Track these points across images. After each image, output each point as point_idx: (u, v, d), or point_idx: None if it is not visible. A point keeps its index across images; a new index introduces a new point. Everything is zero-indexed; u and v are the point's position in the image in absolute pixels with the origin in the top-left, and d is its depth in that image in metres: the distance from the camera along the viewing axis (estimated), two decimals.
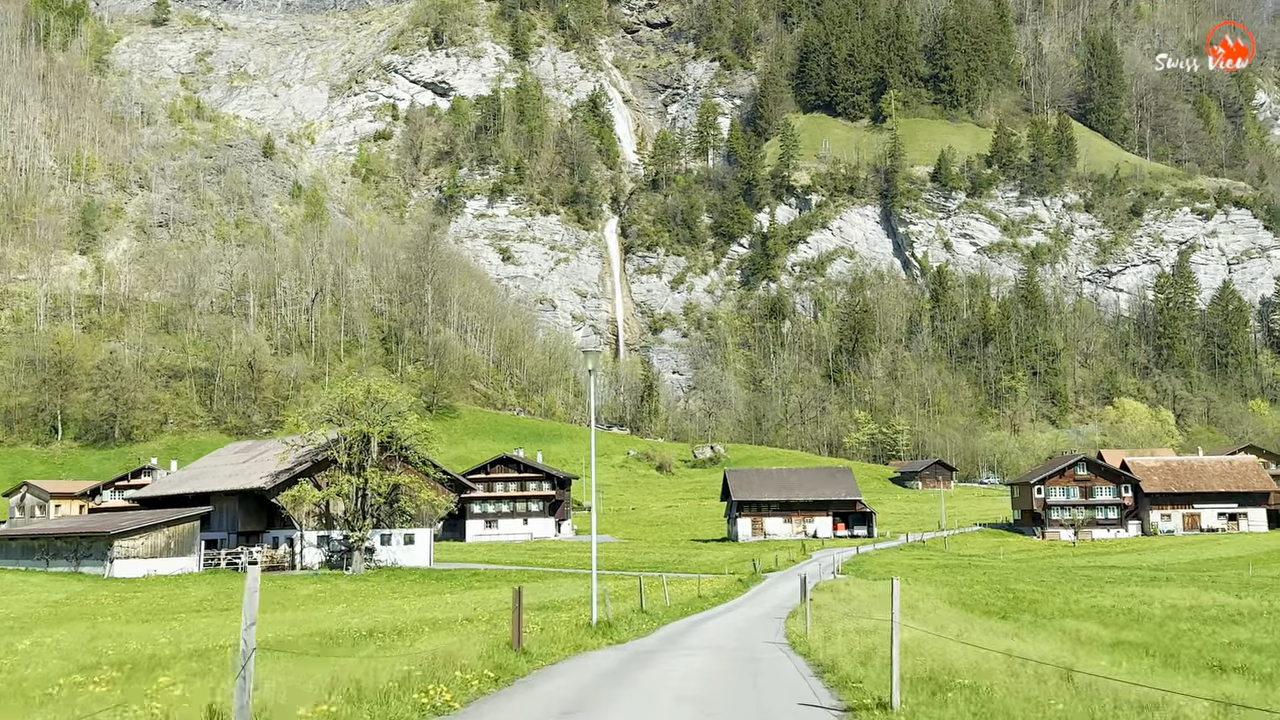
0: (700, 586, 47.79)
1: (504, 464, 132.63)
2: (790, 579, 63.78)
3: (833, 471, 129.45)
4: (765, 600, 46.32)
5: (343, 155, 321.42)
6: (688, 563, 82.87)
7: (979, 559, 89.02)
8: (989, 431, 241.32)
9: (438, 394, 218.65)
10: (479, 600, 48.25)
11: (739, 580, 58.37)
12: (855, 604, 33.06)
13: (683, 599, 42.79)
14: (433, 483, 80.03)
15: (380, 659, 16.22)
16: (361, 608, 46.76)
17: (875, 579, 57.14)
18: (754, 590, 54.26)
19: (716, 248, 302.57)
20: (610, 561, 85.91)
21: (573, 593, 54.65)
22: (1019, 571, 70.86)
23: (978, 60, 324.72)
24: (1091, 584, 58.39)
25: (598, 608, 28.28)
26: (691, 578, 67.74)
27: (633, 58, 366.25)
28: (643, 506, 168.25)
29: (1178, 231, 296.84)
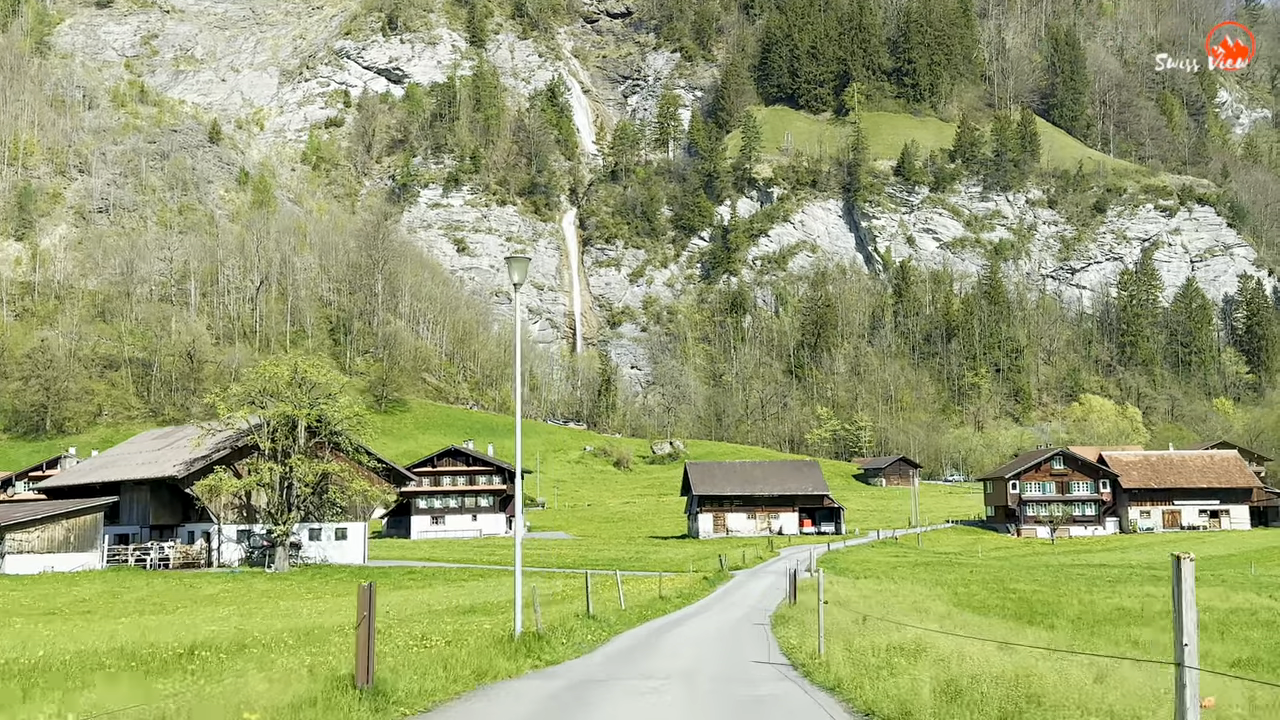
0: (661, 585, 41.26)
1: (452, 457, 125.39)
2: (762, 577, 57.40)
3: (799, 465, 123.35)
4: (739, 601, 39.87)
5: (293, 142, 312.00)
6: (646, 560, 76.31)
7: (957, 557, 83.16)
8: (952, 429, 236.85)
9: (387, 386, 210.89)
10: (400, 602, 41.44)
11: (705, 578, 51.81)
12: (858, 606, 26.54)
13: (640, 600, 36.22)
14: (367, 472, 72.83)
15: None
16: (255, 610, 39.84)
17: (857, 576, 50.82)
18: (723, 589, 47.76)
19: (676, 240, 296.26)
20: (561, 559, 79.21)
21: (512, 593, 47.97)
22: (1007, 570, 64.88)
23: (941, 54, 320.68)
24: (1094, 584, 52.42)
25: (524, 614, 21.70)
26: (651, 575, 61.26)
27: (592, 48, 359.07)
28: (599, 503, 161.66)
29: (1141, 228, 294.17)
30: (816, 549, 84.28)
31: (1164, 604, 41.05)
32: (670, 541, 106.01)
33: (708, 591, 45.68)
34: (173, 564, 70.64)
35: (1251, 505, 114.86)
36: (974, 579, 52.58)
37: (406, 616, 29.33)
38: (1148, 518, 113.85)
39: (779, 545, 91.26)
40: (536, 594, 24.70)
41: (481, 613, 30.50)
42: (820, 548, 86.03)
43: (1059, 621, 29.97)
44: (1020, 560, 79.40)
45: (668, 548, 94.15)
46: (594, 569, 69.68)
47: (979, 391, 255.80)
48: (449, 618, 28.06)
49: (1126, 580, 55.97)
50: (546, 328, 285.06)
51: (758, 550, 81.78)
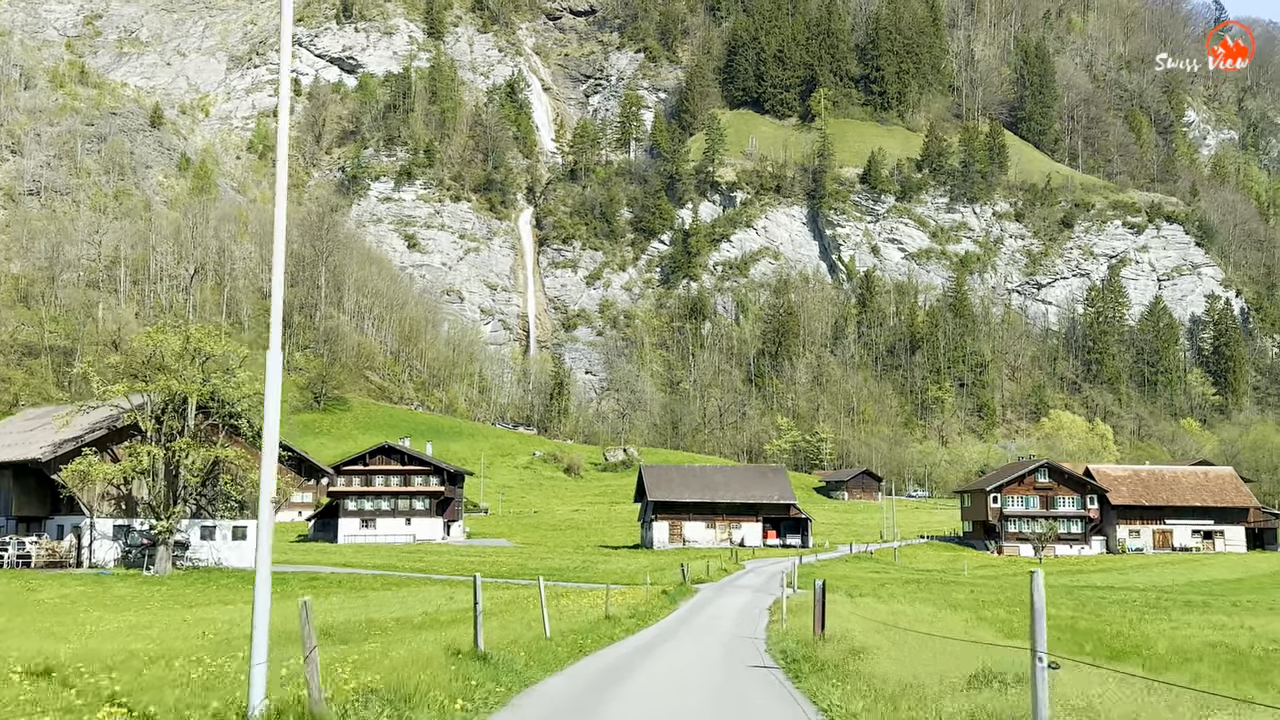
0: (609, 601, 31.66)
1: (386, 455, 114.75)
2: (731, 592, 47.86)
3: (763, 471, 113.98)
4: (712, 624, 30.47)
5: (239, 130, 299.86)
6: (593, 570, 66.62)
7: (942, 574, 74.20)
8: (915, 443, 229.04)
9: (327, 384, 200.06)
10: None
11: (664, 592, 42.13)
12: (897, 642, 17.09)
13: (578, 623, 26.66)
14: None
15: None
16: (80, 623, 29.76)
17: (850, 595, 41.37)
18: (687, 607, 38.21)
19: (636, 243, 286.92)
20: (497, 568, 69.33)
21: (425, 605, 38.16)
22: (1011, 591, 55.70)
23: (909, 63, 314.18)
24: (1135, 610, 43.37)
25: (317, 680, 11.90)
26: (598, 589, 51.58)
27: (554, 45, 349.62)
28: (546, 510, 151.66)
29: (1108, 245, 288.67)
30: (784, 563, 74.96)
31: (1251, 636, 32.13)
32: (621, 551, 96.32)
33: (668, 609, 36.09)
34: (35, 563, 60.04)
35: (1248, 526, 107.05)
36: (991, 601, 43.37)
37: (225, 639, 19.66)
38: (1137, 537, 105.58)
39: (743, 558, 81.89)
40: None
41: (338, 639, 20.97)
42: (789, 561, 76.71)
43: (1165, 660, 20.93)
44: (1013, 580, 70.46)
45: (618, 558, 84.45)
46: (533, 579, 59.95)
47: (943, 406, 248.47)
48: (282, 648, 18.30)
49: (1163, 606, 47.08)
50: (499, 329, 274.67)
51: (720, 562, 72.25)
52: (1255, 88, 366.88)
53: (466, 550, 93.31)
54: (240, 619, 35.52)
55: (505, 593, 44.26)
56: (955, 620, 29.46)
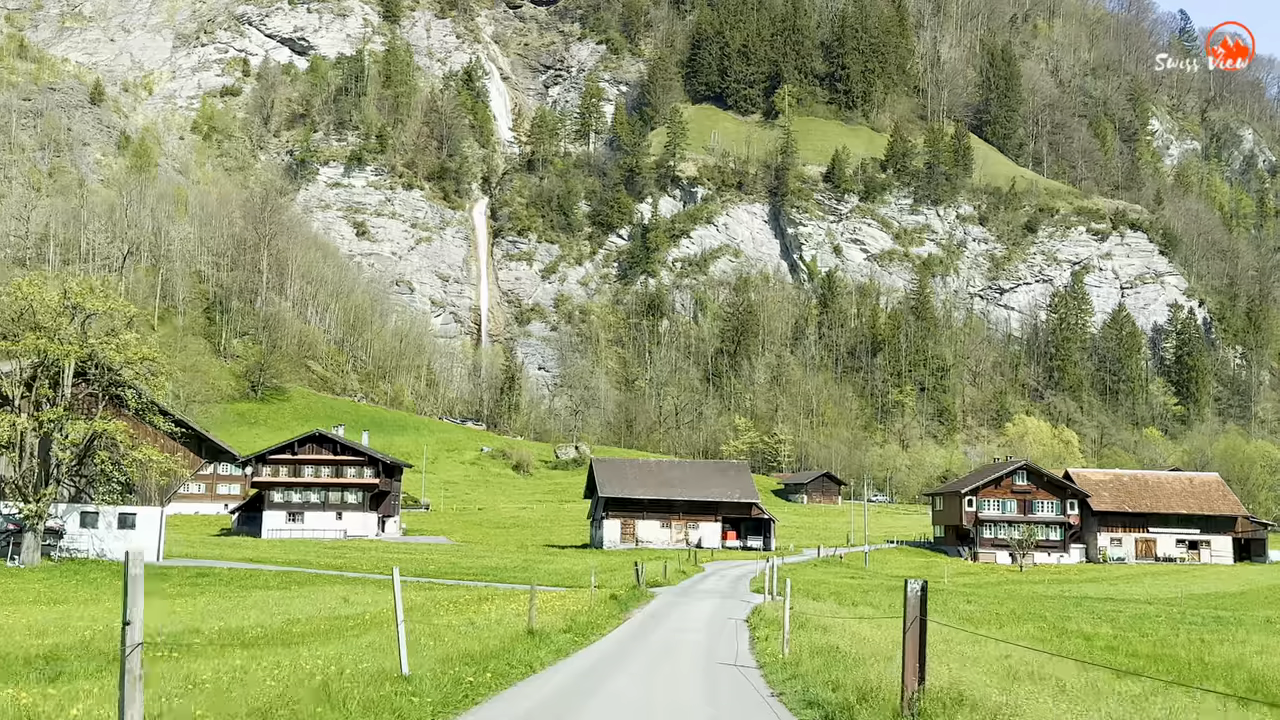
0: (541, 608, 24.03)
1: (316, 443, 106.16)
2: (694, 598, 40.35)
3: (724, 467, 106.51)
4: (676, 642, 22.86)
5: (183, 110, 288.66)
6: (533, 570, 58.89)
7: (934, 580, 67.17)
8: (875, 447, 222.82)
9: (265, 372, 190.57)
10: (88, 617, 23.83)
11: (612, 597, 34.41)
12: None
13: (488, 641, 18.78)
14: (162, 439, 54.22)
15: None
16: None
17: (840, 604, 33.95)
18: (641, 616, 30.56)
19: (593, 237, 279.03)
20: (425, 567, 61.42)
21: (310, 608, 30.38)
22: (1021, 603, 48.57)
23: (875, 62, 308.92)
24: (1169, 627, 36.34)
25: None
26: (540, 590, 43.82)
27: (514, 34, 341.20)
28: (492, 507, 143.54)
29: (1072, 251, 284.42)
30: (749, 565, 67.65)
31: None
32: (569, 551, 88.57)
33: (616, 620, 28.40)
34: None
35: (1235, 536, 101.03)
36: (1019, 614, 36.19)
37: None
38: (1119, 546, 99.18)
39: (701, 560, 74.41)
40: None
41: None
42: (754, 564, 69.36)
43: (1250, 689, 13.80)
44: (1001, 590, 63.48)
45: (565, 558, 76.72)
46: (466, 578, 52.18)
47: (903, 410, 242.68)
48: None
49: (1196, 622, 40.18)
50: (450, 321, 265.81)
51: (678, 564, 64.64)
52: (1218, 99, 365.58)
53: (398, 547, 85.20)
54: (100, 618, 28.01)
55: (420, 594, 36.49)
56: (983, 640, 22.07)
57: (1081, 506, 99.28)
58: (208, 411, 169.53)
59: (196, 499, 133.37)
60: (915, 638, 11.25)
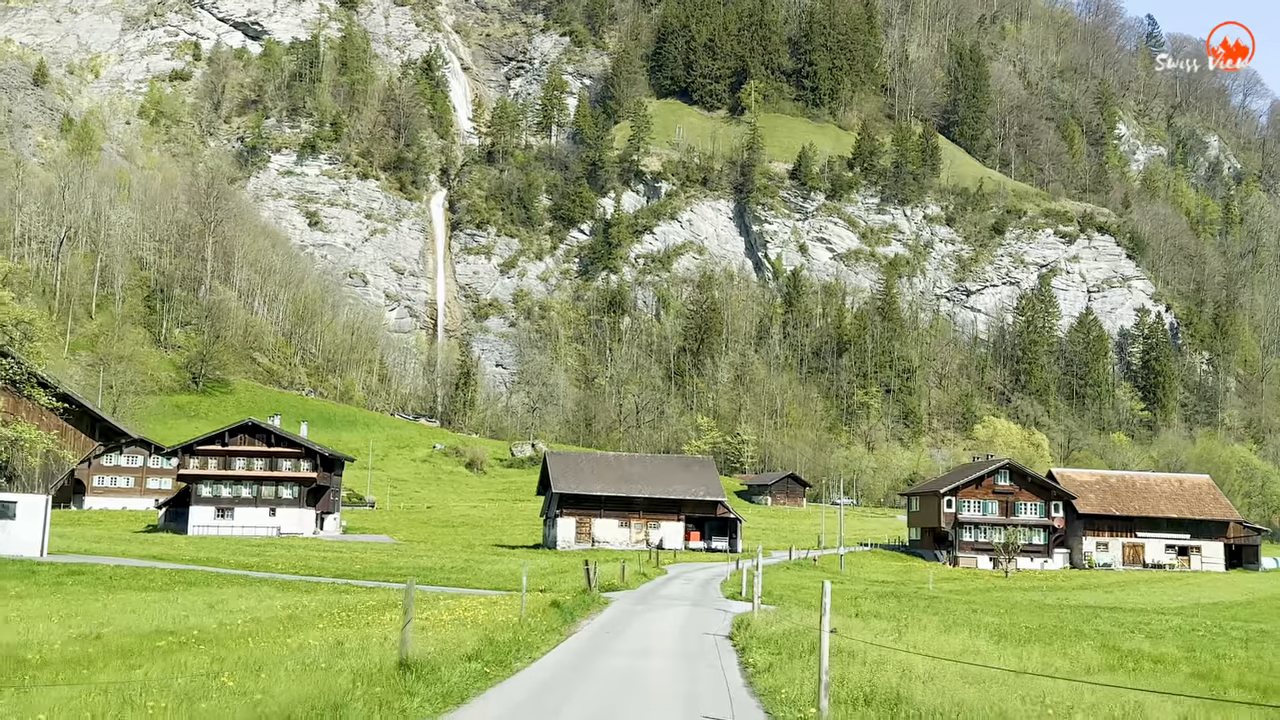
0: (453, 623, 17.21)
1: (249, 433, 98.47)
2: (657, 606, 33.68)
3: (688, 463, 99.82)
4: (634, 674, 15.88)
5: (130, 94, 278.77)
6: (474, 571, 52.04)
7: (905, 587, 60.82)
8: (840, 448, 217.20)
9: (207, 364, 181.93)
10: None
11: (554, 604, 27.51)
12: None
13: (337, 682, 11.90)
14: (44, 415, 46.82)
15: None
16: None
17: (845, 614, 27.35)
18: (589, 632, 23.73)
19: (554, 232, 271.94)
20: (352, 567, 54.36)
21: (163, 617, 23.36)
22: (1039, 614, 42.26)
23: (843, 59, 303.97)
24: (1208, 638, 30.05)
25: None
26: (476, 594, 37.35)
27: (475, 24, 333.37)
28: (442, 505, 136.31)
29: (1039, 253, 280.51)
30: (716, 567, 61.04)
31: None
32: (519, 552, 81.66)
33: (555, 636, 21.59)
34: None
35: (1227, 542, 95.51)
36: (1035, 629, 29.71)
37: None
38: (1105, 551, 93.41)
39: (663, 561, 67.75)
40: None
41: None
42: (721, 567, 62.78)
43: None
44: (994, 597, 57.25)
45: (512, 558, 69.83)
46: (393, 579, 45.22)
47: (869, 411, 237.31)
48: None
49: (1225, 635, 33.95)
50: (405, 315, 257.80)
51: (638, 566, 57.87)
52: (1184, 105, 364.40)
53: (331, 546, 77.95)
54: None
55: (316, 599, 29.58)
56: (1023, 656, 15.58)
57: (1066, 509, 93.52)
58: (144, 403, 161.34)
59: (125, 494, 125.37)
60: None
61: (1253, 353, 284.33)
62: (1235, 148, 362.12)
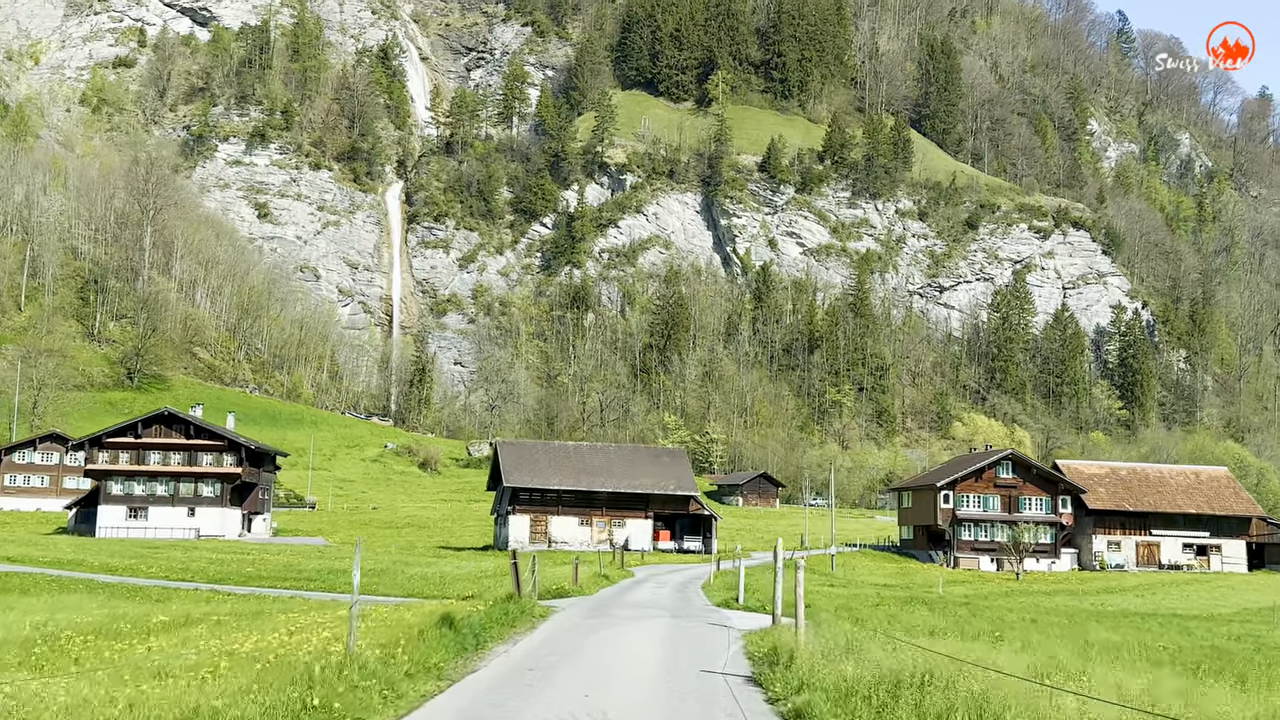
0: (253, 657, 8.20)
1: (166, 424, 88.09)
2: (619, 621, 24.32)
3: (657, 454, 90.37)
4: None
5: (72, 81, 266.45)
6: (396, 575, 42.50)
7: (914, 591, 51.72)
8: (812, 448, 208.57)
9: (143, 358, 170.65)
10: None
11: (445, 624, 17.66)
12: None
13: None
14: None
15: None
16: None
17: (892, 626, 18.05)
18: (499, 669, 14.29)
19: (515, 225, 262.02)
20: (245, 572, 44.47)
21: None
22: (1054, 620, 33.10)
23: (812, 51, 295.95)
24: None
25: None
26: (380, 602, 27.66)
27: (434, 14, 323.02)
28: (390, 506, 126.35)
29: (1013, 249, 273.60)
30: (693, 569, 51.66)
31: None
32: (465, 554, 72.04)
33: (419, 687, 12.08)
34: None
35: (1249, 540, 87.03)
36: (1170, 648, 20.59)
37: None
38: (1117, 551, 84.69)
39: (630, 563, 58.29)
40: None
41: None
42: (698, 569, 53.38)
43: None
44: (1016, 601, 48.12)
45: (453, 561, 60.20)
46: (285, 585, 35.41)
47: (842, 410, 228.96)
48: None
49: None
50: (359, 311, 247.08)
51: (599, 568, 48.24)
52: (1155, 102, 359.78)
53: (246, 549, 67.97)
54: None
55: (131, 606, 19.96)
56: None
57: (1075, 504, 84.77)
58: (70, 398, 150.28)
59: (39, 494, 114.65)
60: None
61: (1230, 351, 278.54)
62: (1206, 146, 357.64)
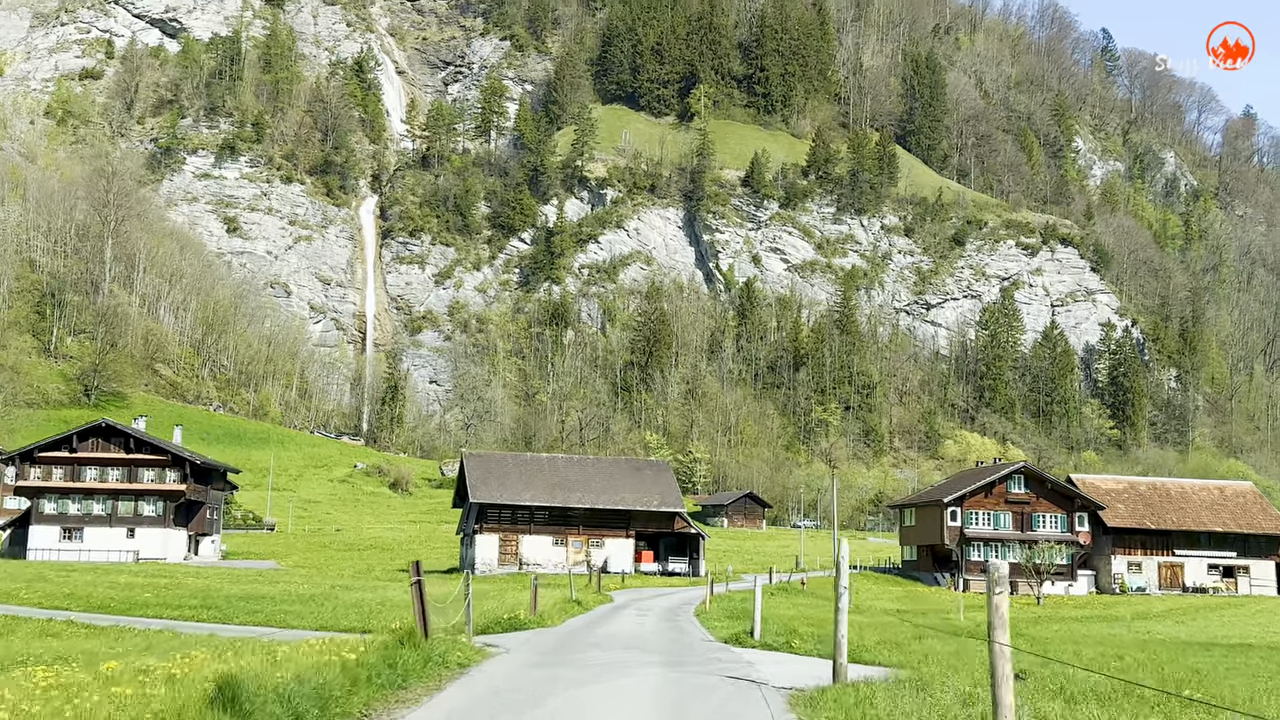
0: None
1: (104, 437, 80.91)
2: (587, 674, 17.37)
3: (639, 466, 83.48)
4: None
5: (36, 92, 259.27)
6: (327, 604, 35.69)
7: (932, 617, 45.18)
8: (798, 468, 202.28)
9: (102, 375, 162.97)
10: None
11: (214, 711, 10.09)
12: None
13: None
14: None
15: None
16: None
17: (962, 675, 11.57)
18: None
19: (493, 241, 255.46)
20: (157, 600, 37.51)
21: None
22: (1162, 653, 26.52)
23: (795, 65, 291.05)
24: None
25: None
26: (281, 636, 20.54)
27: (411, 27, 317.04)
28: (355, 528, 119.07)
29: (1001, 266, 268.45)
30: (681, 593, 44.98)
31: None
32: (429, 577, 65.28)
33: None
34: None
35: (1276, 560, 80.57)
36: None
37: None
38: (1138, 572, 78.19)
39: (608, 587, 51.59)
40: None
41: None
42: (687, 592, 46.68)
43: None
44: (1075, 633, 41.49)
45: (409, 584, 53.26)
46: (185, 617, 28.47)
47: (828, 429, 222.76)
48: None
49: None
50: (331, 328, 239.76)
51: (569, 592, 41.35)
52: (1140, 121, 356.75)
53: (172, 572, 60.89)
54: None
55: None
56: None
57: (1093, 521, 78.27)
58: (20, 416, 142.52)
59: None
60: None
61: (1220, 370, 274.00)
62: (1191, 164, 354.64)
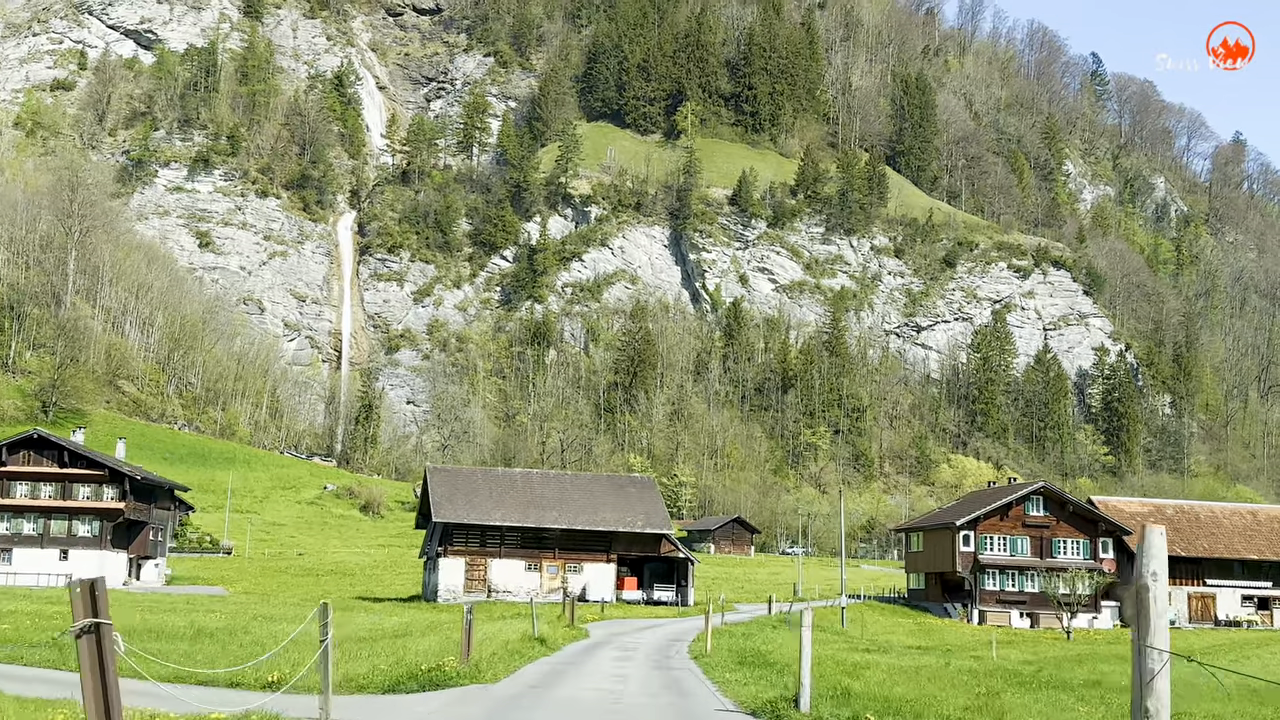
0: None
1: (35, 449, 73.80)
2: None
3: (621, 483, 77.04)
4: None
5: (6, 103, 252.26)
6: (247, 635, 28.92)
7: (961, 656, 38.63)
8: (786, 493, 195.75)
9: (61, 391, 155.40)
10: None
11: None
12: None
13: None
14: None
15: None
16: None
17: None
18: None
19: (474, 258, 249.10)
20: (24, 634, 30.66)
21: None
22: None
23: (784, 84, 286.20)
24: None
25: None
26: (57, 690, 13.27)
27: (393, 43, 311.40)
28: (319, 552, 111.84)
29: (992, 288, 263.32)
30: (671, 625, 38.28)
31: None
32: (385, 605, 58.38)
33: None
34: None
35: None
36: None
37: None
38: (1167, 604, 71.86)
39: (587, 619, 44.81)
40: None
41: None
42: (677, 625, 39.98)
43: None
44: (1112, 667, 34.90)
45: (365, 613, 46.33)
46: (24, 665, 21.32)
47: (817, 453, 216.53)
48: None
49: None
50: (305, 346, 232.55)
51: (534, 625, 34.36)
52: (1130, 145, 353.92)
53: (123, 599, 53.48)
54: None
55: None
56: None
57: (1118, 547, 71.78)
58: None
59: None
60: None
61: (1215, 396, 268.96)
62: (1181, 190, 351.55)
